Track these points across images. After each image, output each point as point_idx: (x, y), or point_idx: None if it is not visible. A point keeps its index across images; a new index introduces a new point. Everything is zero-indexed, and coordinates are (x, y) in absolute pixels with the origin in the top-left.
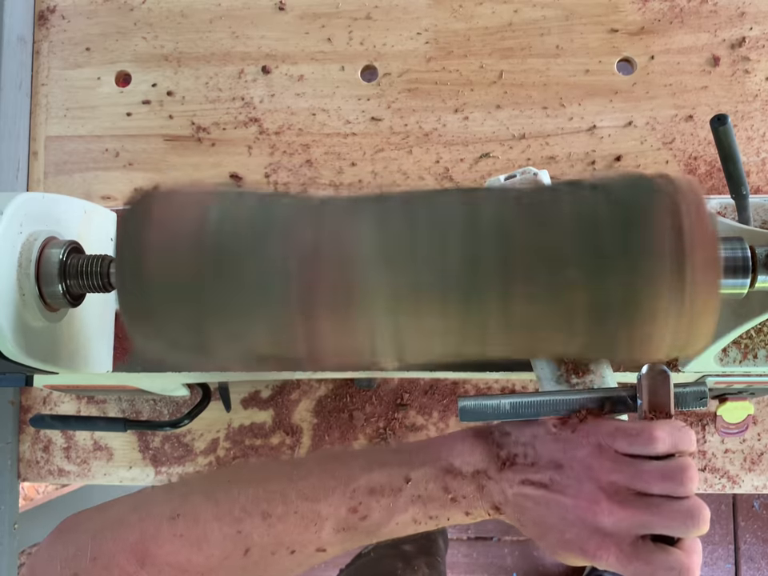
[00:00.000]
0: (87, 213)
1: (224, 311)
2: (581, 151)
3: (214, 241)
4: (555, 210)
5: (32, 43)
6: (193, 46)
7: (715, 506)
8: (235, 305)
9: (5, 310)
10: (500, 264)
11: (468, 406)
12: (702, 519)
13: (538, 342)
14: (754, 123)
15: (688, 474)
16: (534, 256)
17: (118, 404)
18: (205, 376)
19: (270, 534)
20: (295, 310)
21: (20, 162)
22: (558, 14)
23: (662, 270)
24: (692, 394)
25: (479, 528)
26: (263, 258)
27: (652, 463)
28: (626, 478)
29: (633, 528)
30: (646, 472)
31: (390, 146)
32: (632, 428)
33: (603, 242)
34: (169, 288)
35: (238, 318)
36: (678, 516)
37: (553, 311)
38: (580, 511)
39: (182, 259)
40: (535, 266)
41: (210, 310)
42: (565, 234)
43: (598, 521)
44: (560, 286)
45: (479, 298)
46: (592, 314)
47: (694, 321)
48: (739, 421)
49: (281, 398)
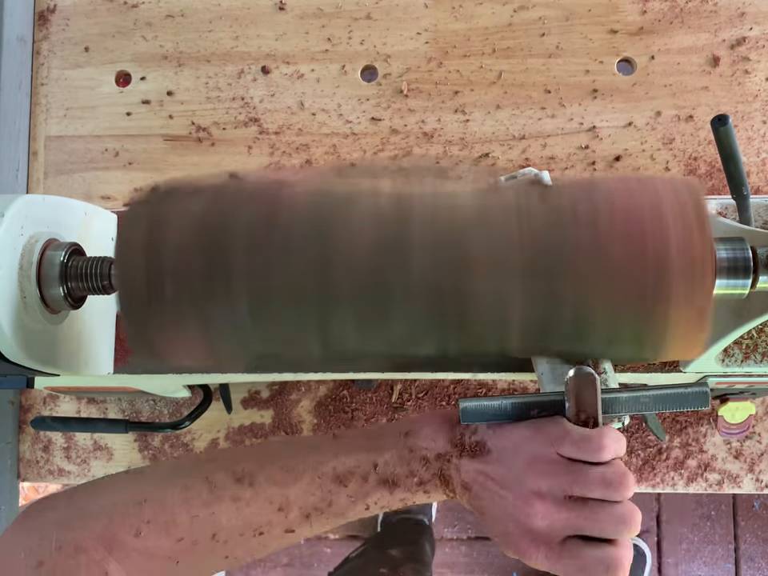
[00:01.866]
0: (88, 215)
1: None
2: (581, 151)
3: (217, 238)
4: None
5: (32, 43)
6: (193, 46)
7: (715, 506)
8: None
9: (6, 312)
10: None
11: (469, 407)
12: (634, 523)
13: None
14: (754, 123)
15: (626, 481)
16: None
17: (118, 404)
18: (206, 377)
19: (239, 516)
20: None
21: (20, 162)
22: (558, 14)
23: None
24: (693, 395)
25: (479, 528)
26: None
27: (594, 469)
28: (565, 482)
29: (565, 530)
30: (587, 477)
31: (390, 146)
32: (581, 435)
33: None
34: (170, 289)
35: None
36: (611, 520)
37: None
38: (516, 510)
39: (184, 260)
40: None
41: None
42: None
43: (531, 522)
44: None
45: None
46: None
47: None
48: (740, 421)
49: (281, 398)
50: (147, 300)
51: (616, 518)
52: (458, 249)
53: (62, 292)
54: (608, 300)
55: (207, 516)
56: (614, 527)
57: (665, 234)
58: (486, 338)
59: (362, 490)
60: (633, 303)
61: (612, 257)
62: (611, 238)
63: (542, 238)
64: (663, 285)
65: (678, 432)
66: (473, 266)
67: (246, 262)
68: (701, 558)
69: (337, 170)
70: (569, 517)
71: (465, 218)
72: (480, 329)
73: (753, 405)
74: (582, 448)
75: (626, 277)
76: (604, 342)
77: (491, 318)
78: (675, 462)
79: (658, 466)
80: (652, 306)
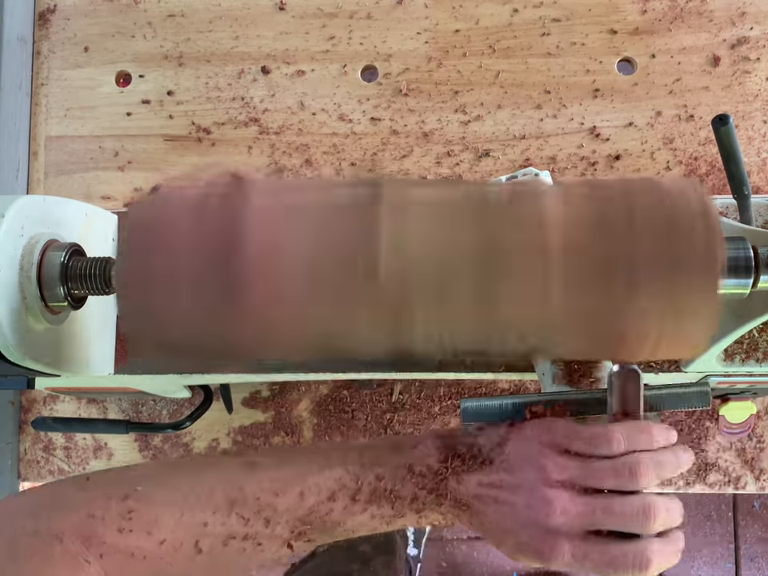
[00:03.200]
0: (88, 215)
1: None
2: (581, 151)
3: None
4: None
5: (32, 43)
6: (193, 46)
7: (715, 506)
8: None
9: (6, 312)
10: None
11: (470, 407)
12: (654, 514)
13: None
14: (754, 123)
15: (640, 469)
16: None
17: (119, 404)
18: (206, 378)
19: (225, 524)
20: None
21: (20, 162)
22: (558, 14)
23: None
24: (694, 394)
25: None
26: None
27: (605, 461)
28: (578, 476)
29: (585, 524)
30: (600, 468)
31: (390, 146)
32: (590, 432)
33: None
34: (171, 290)
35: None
36: (628, 511)
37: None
38: (532, 512)
39: (185, 260)
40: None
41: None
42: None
43: (550, 521)
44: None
45: None
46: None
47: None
48: (742, 421)
49: (281, 399)
50: (148, 302)
51: (633, 509)
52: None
53: (62, 293)
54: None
55: (192, 519)
56: (632, 519)
57: (683, 233)
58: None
59: (351, 507)
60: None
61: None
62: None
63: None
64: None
65: (678, 432)
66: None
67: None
68: (701, 558)
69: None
70: (586, 509)
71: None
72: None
73: (754, 404)
74: (591, 443)
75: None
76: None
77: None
78: None
79: None
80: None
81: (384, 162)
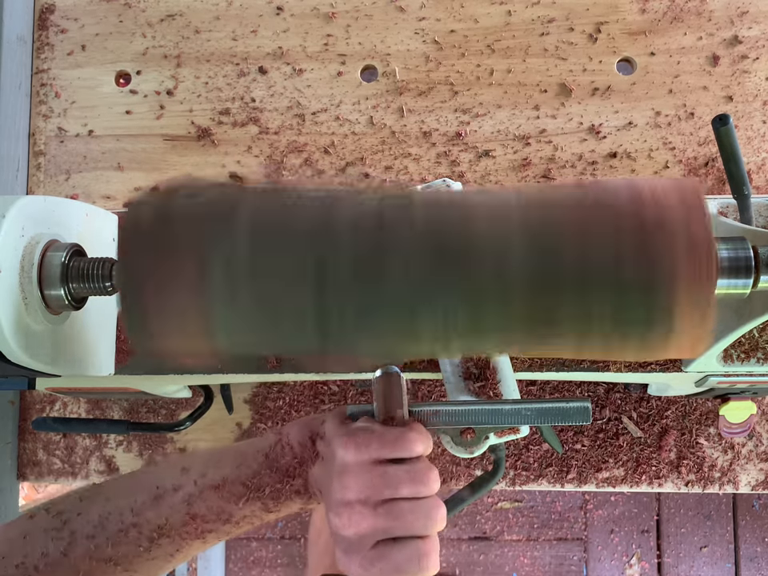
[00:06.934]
0: (89, 215)
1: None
2: (580, 151)
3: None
4: None
5: (32, 43)
6: (193, 46)
7: (715, 506)
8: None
9: (7, 313)
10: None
11: (354, 412)
12: (440, 518)
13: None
14: (753, 123)
15: (433, 475)
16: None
17: (119, 404)
18: (207, 378)
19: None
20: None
21: (20, 162)
22: (557, 14)
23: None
24: (575, 410)
25: (479, 528)
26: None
27: (400, 467)
28: (374, 489)
29: (375, 536)
30: (397, 477)
31: (390, 146)
32: (388, 433)
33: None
34: (171, 290)
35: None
36: (419, 518)
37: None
38: (330, 520)
39: (186, 260)
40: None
41: (220, 310)
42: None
43: (341, 533)
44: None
45: None
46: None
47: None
48: (742, 421)
49: (281, 399)
50: (149, 302)
51: (423, 515)
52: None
53: (63, 293)
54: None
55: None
56: (422, 524)
57: (669, 234)
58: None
59: (230, 507)
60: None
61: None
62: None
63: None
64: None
65: (679, 432)
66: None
67: (250, 258)
68: (701, 558)
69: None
70: (377, 522)
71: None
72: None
73: (754, 404)
74: (390, 445)
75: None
76: (604, 342)
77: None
78: (675, 462)
79: (657, 466)
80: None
81: (384, 162)
